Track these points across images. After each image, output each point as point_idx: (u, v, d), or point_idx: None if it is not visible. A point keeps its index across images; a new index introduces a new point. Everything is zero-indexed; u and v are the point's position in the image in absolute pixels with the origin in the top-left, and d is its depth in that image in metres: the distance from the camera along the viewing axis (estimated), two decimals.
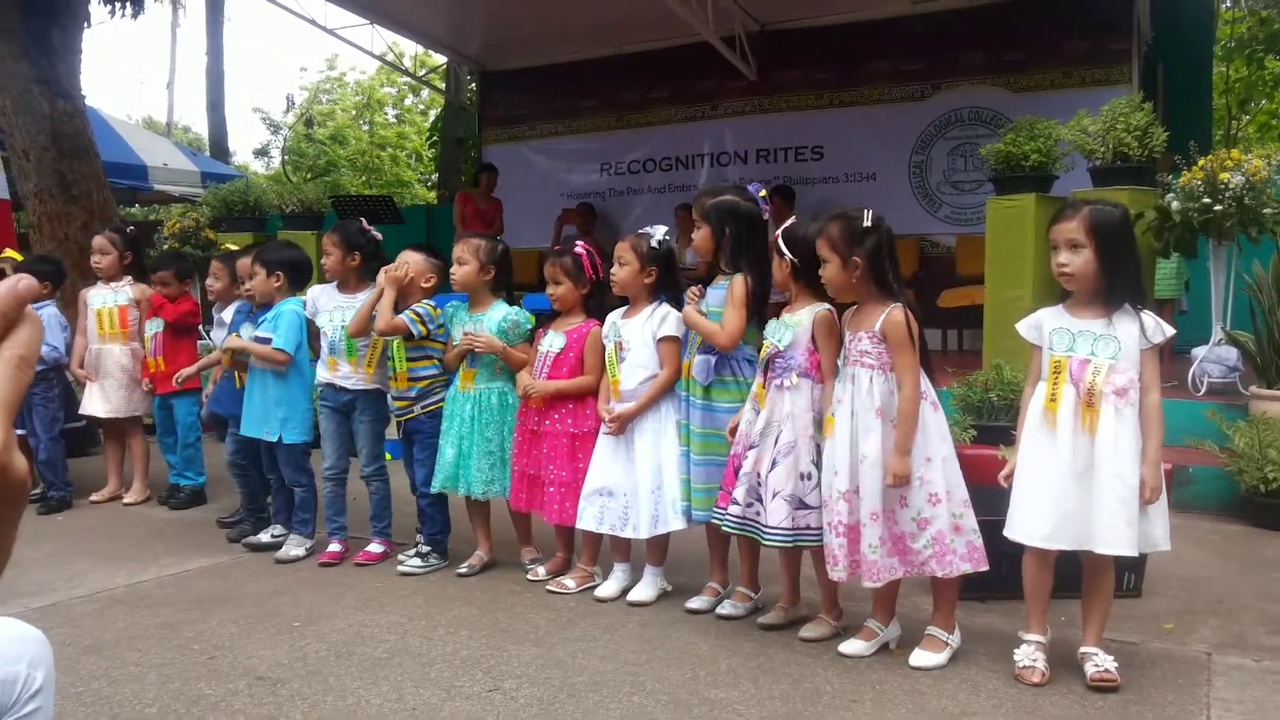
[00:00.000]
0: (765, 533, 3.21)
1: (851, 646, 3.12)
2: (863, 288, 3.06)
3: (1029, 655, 2.90)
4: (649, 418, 3.61)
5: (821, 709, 2.73)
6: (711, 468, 3.44)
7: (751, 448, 3.26)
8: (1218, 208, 5.26)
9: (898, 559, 3.01)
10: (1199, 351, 5.48)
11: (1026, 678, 2.85)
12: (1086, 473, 2.77)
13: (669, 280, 3.73)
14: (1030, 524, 2.85)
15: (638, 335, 3.66)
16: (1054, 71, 8.50)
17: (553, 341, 3.84)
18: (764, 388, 3.29)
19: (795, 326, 3.24)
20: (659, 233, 3.70)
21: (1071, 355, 2.82)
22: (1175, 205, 5.37)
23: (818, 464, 3.16)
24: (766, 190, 3.72)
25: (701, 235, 3.53)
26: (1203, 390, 5.34)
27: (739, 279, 3.42)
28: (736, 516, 3.27)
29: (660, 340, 3.63)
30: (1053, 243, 2.85)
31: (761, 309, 3.45)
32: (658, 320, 3.64)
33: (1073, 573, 3.01)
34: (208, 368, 5.04)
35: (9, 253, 5.87)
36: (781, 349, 3.24)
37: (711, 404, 3.46)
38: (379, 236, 4.25)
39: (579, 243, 3.92)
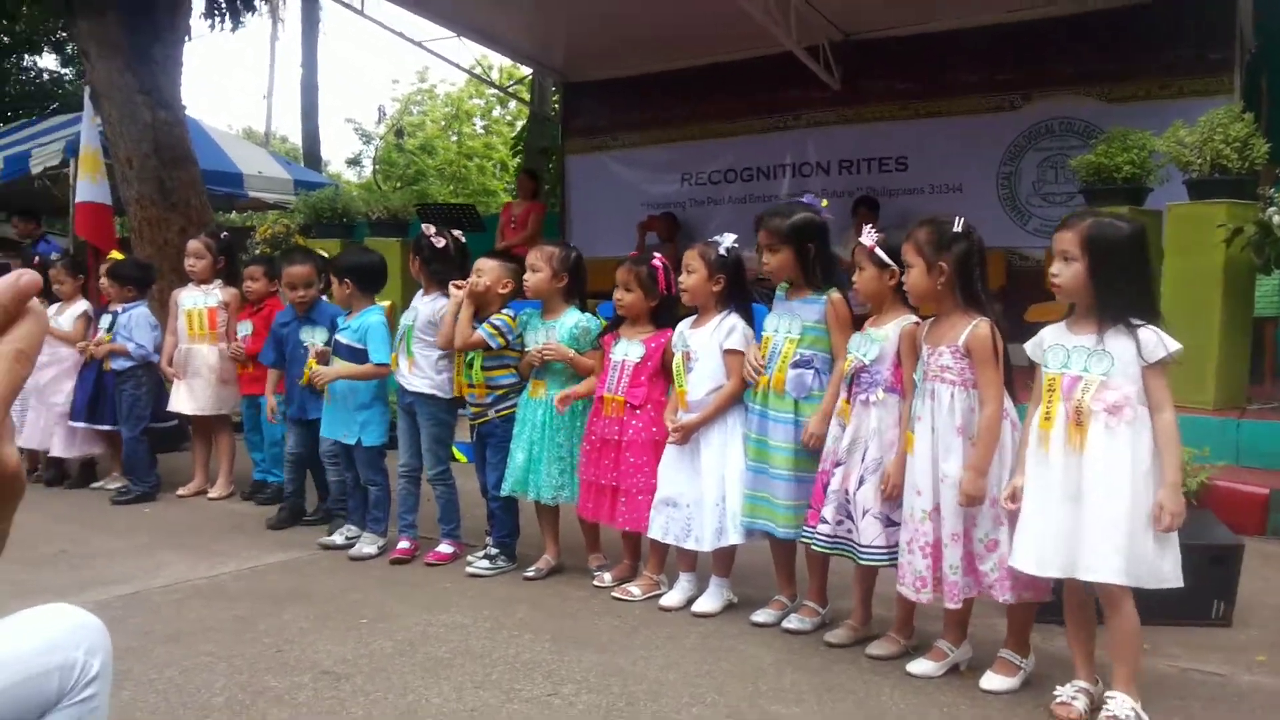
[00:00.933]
0: (861, 552, 3.16)
1: (920, 666, 3.04)
2: (947, 296, 2.97)
3: (1069, 693, 2.74)
4: (715, 429, 3.57)
5: None
6: (800, 483, 3.38)
7: (839, 464, 3.20)
8: None
9: (972, 578, 2.92)
10: None
11: (1060, 713, 2.70)
12: (1077, 495, 2.63)
13: (737, 289, 3.69)
14: (1024, 550, 2.73)
15: (706, 345, 3.63)
16: (1150, 82, 8.21)
17: (628, 350, 3.83)
18: (849, 403, 3.23)
19: (882, 341, 3.18)
20: (728, 240, 3.67)
21: (1065, 372, 2.69)
22: (1277, 219, 5.13)
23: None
24: (826, 201, 3.65)
25: (782, 258, 3.43)
26: None
27: (839, 298, 3.38)
28: (827, 535, 3.21)
29: (726, 352, 3.59)
30: (1052, 254, 2.75)
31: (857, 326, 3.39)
32: (725, 331, 3.61)
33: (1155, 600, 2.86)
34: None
35: (115, 254, 6.11)
36: (868, 364, 3.18)
37: (800, 418, 3.39)
38: (439, 243, 4.29)
39: (657, 255, 3.91)
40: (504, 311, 4.07)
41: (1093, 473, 2.61)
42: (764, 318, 3.64)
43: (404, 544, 4.24)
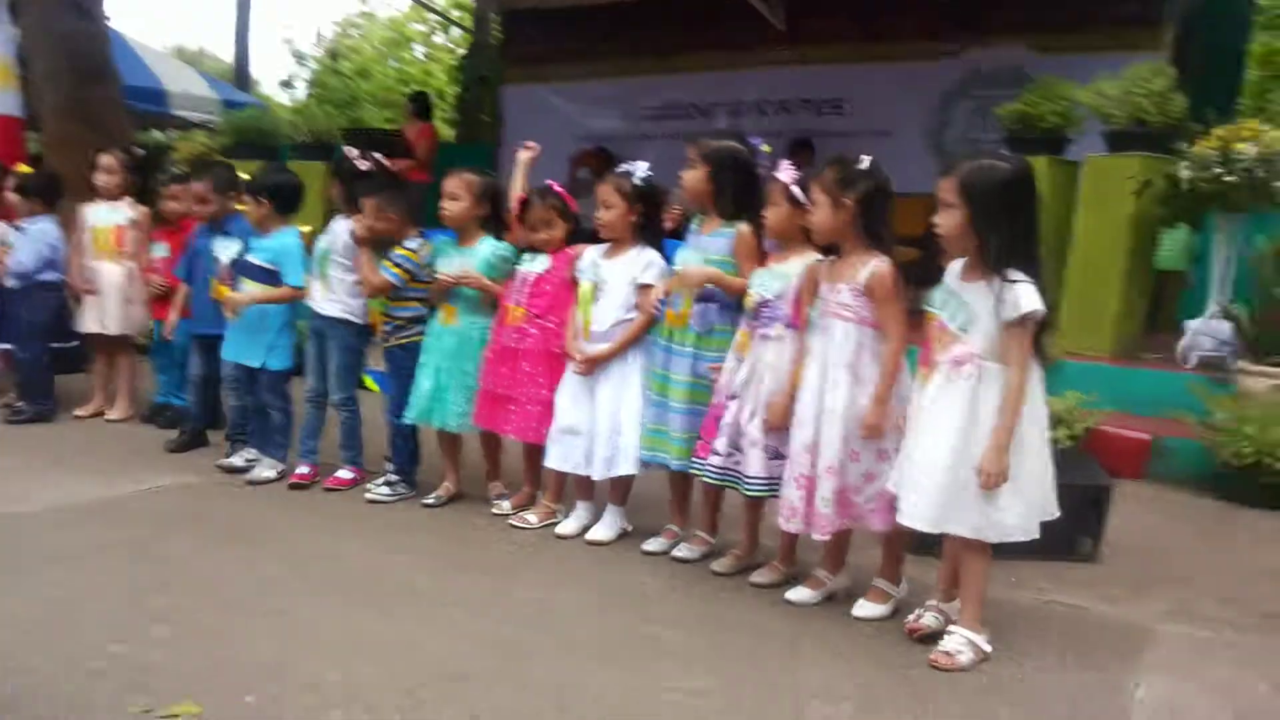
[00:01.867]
0: (745, 482, 3.22)
1: (798, 594, 3.14)
2: (849, 233, 2.98)
3: (920, 611, 2.90)
4: (614, 361, 3.60)
5: (762, 654, 2.76)
6: (695, 416, 3.43)
7: (733, 397, 3.25)
8: (1229, 178, 5.13)
9: (839, 509, 2.99)
10: (1192, 324, 5.39)
11: (909, 627, 2.87)
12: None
13: (653, 221, 3.69)
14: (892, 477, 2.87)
15: (619, 277, 3.63)
16: (1084, 34, 8.26)
17: (533, 262, 3.82)
18: (749, 336, 3.26)
19: (786, 277, 3.20)
20: (641, 169, 3.63)
21: (939, 314, 2.75)
22: (1186, 174, 5.24)
23: None
24: (769, 146, 3.62)
25: (695, 175, 3.43)
26: (1192, 363, 5.26)
27: (747, 231, 3.38)
28: (717, 467, 3.27)
29: (640, 286, 3.60)
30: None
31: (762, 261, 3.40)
32: (641, 265, 3.60)
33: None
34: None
35: (21, 167, 5.91)
36: (770, 298, 3.21)
37: (700, 352, 3.43)
38: (362, 165, 4.22)
39: (550, 181, 3.88)
40: (407, 246, 4.02)
41: (925, 419, 2.68)
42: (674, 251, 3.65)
43: (303, 469, 4.22)
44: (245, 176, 4.90)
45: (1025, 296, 2.57)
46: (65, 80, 8.16)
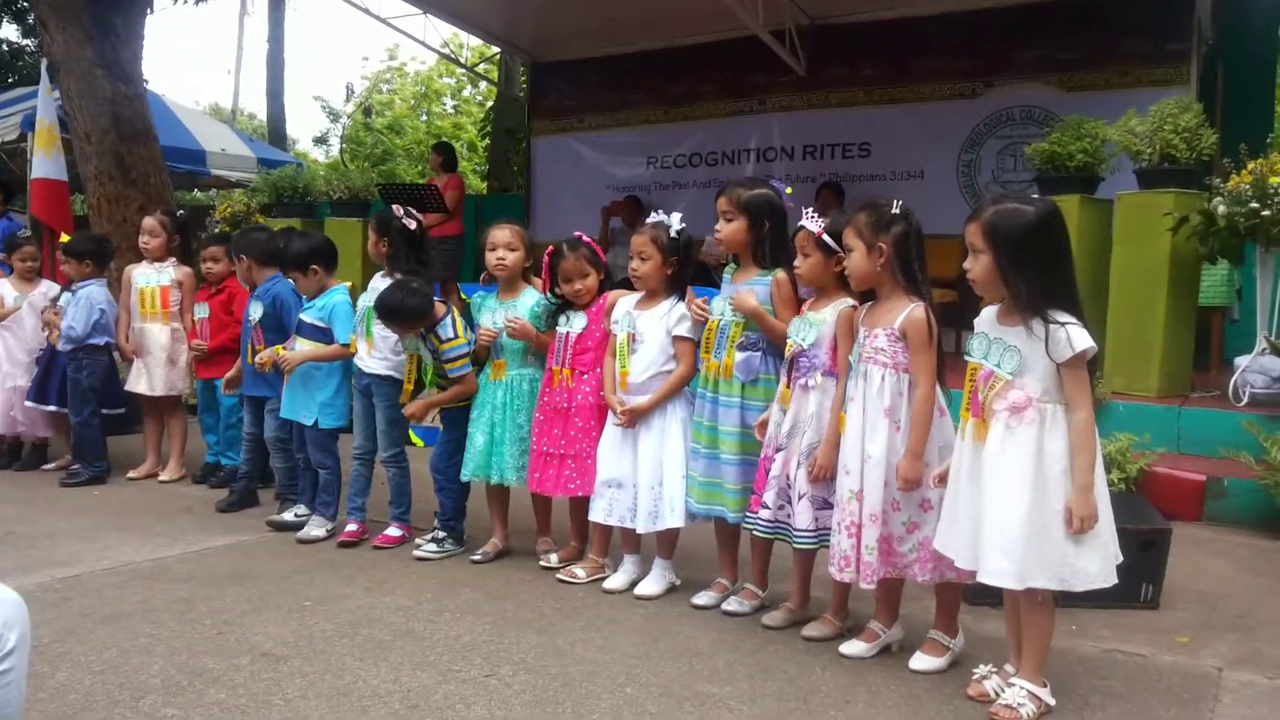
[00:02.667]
0: (795, 536, 3.20)
1: (852, 648, 3.10)
2: (886, 277, 2.99)
3: (983, 671, 2.81)
4: (655, 412, 3.61)
5: (813, 707, 2.72)
6: (748, 467, 3.41)
7: (780, 450, 3.24)
8: (1265, 213, 5.09)
9: (881, 559, 2.97)
10: (1241, 361, 5.32)
11: (970, 691, 2.78)
12: (979, 490, 2.65)
13: (686, 271, 3.72)
14: (941, 532, 2.79)
15: (654, 329, 3.65)
16: (1109, 71, 8.28)
17: (571, 322, 3.85)
18: (789, 388, 3.26)
19: (820, 324, 3.21)
20: (676, 221, 3.66)
21: (983, 364, 2.70)
22: (1221, 209, 5.21)
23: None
24: (791, 188, 3.65)
25: (736, 227, 3.44)
26: (1244, 400, 5.18)
27: (784, 277, 3.39)
28: (768, 521, 3.25)
29: (676, 338, 3.62)
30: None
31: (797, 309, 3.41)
32: (675, 317, 3.63)
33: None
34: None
35: (63, 237, 6.05)
36: (805, 348, 3.21)
37: (747, 402, 3.41)
38: (409, 225, 4.29)
39: (579, 234, 3.91)
40: (444, 334, 3.99)
41: (990, 472, 2.62)
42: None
43: (352, 526, 4.25)
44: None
45: (1076, 335, 2.55)
46: (107, 143, 8.37)
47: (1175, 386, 5.60)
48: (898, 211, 2.98)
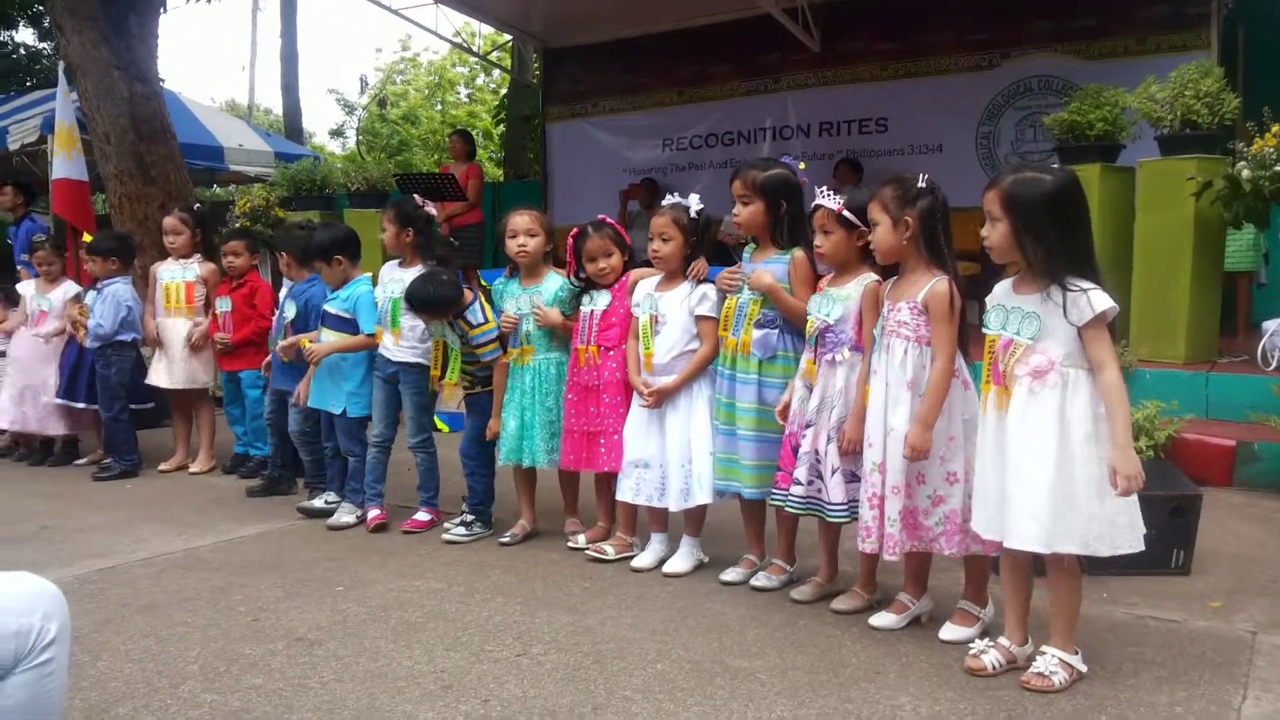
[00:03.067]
0: (829, 510, 3.20)
1: (882, 619, 3.11)
2: (912, 251, 2.98)
3: (980, 646, 2.79)
4: (681, 392, 3.63)
5: (844, 680, 2.73)
6: (764, 444, 3.43)
7: (809, 425, 3.24)
8: None
9: (907, 532, 2.97)
10: (1269, 325, 5.28)
11: (969, 664, 2.75)
12: (1004, 460, 2.65)
13: (701, 252, 3.72)
14: (975, 509, 2.79)
15: (677, 310, 3.66)
16: (1127, 38, 8.19)
17: (595, 301, 3.88)
18: (814, 363, 3.25)
19: (845, 300, 3.20)
20: (695, 202, 3.68)
21: (1001, 334, 2.70)
22: (1245, 174, 5.15)
23: None
24: (804, 163, 3.65)
25: (754, 210, 3.44)
26: (1273, 365, 5.14)
27: (802, 256, 3.40)
28: (800, 497, 3.24)
29: (699, 318, 3.63)
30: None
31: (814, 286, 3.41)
32: (698, 297, 3.64)
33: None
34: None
35: (86, 237, 6.11)
36: (831, 323, 3.20)
37: (764, 379, 3.43)
38: (432, 212, 4.32)
39: (602, 216, 3.92)
40: (464, 316, 4.03)
41: (1015, 438, 2.62)
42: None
43: (375, 511, 4.30)
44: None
45: (1096, 297, 2.55)
46: (126, 142, 8.44)
47: (1202, 352, 5.55)
48: (924, 185, 2.96)
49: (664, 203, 3.76)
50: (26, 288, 6.03)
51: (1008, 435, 2.64)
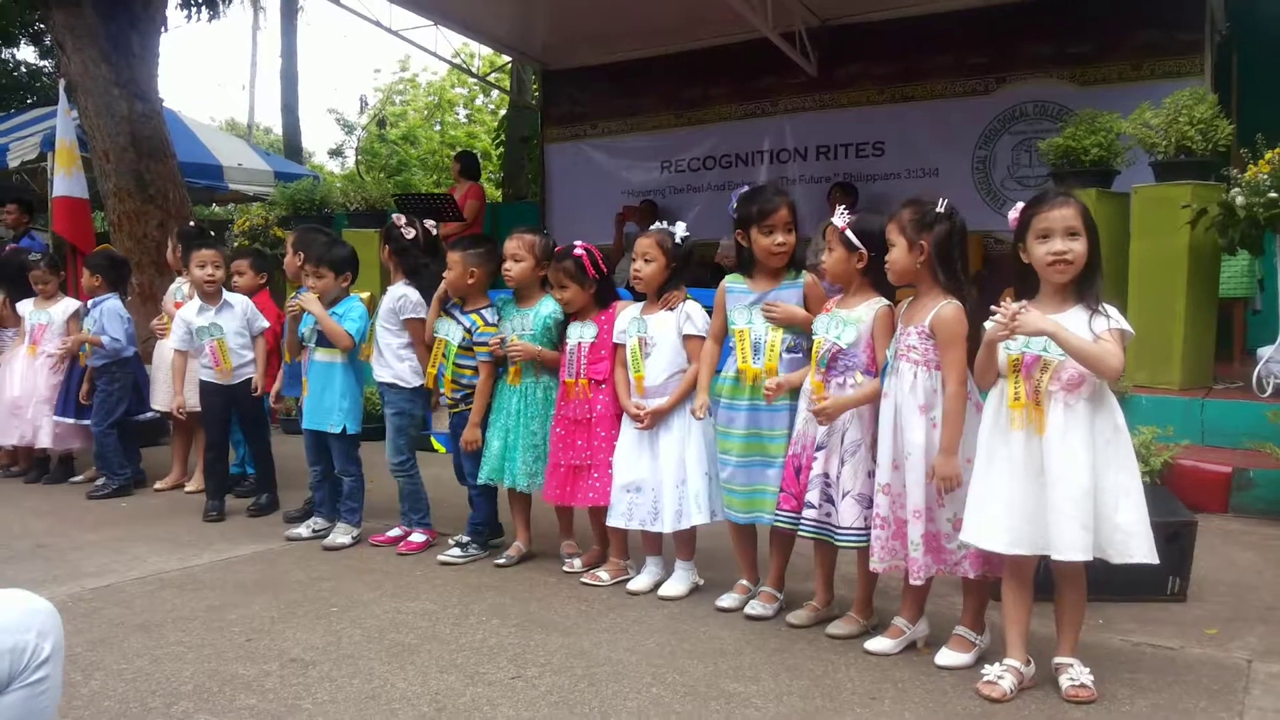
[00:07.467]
0: (839, 534, 3.18)
1: (878, 644, 3.10)
2: (926, 275, 3.00)
3: (996, 671, 2.77)
4: (674, 413, 3.63)
5: (840, 705, 2.72)
6: (754, 469, 3.42)
7: (820, 448, 3.23)
8: None
9: (932, 556, 2.98)
10: (1265, 352, 5.29)
11: (985, 691, 2.74)
12: (1040, 475, 2.67)
13: (682, 279, 3.76)
14: (987, 529, 2.76)
15: (666, 331, 3.68)
16: (1122, 64, 8.25)
17: (582, 333, 3.88)
18: (822, 385, 3.23)
19: (857, 324, 3.20)
20: (681, 229, 3.74)
21: (1026, 352, 2.72)
22: (1240, 200, 5.19)
23: None
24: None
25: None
26: (1268, 391, 5.15)
27: (813, 280, 3.44)
28: (813, 520, 3.21)
29: (687, 337, 3.65)
30: (1043, 232, 2.72)
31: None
32: (683, 317, 3.66)
33: (1113, 577, 2.92)
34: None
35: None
36: (844, 347, 3.20)
37: (794, 404, 3.37)
38: (408, 233, 4.35)
39: (577, 244, 3.93)
40: (480, 312, 4.10)
41: (1058, 453, 2.64)
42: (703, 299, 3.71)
43: (419, 536, 4.32)
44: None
45: (1117, 318, 2.67)
46: (125, 160, 8.47)
47: (1197, 379, 5.57)
48: (942, 210, 2.98)
49: (653, 226, 3.82)
50: (25, 305, 6.04)
51: (1049, 451, 2.66)
